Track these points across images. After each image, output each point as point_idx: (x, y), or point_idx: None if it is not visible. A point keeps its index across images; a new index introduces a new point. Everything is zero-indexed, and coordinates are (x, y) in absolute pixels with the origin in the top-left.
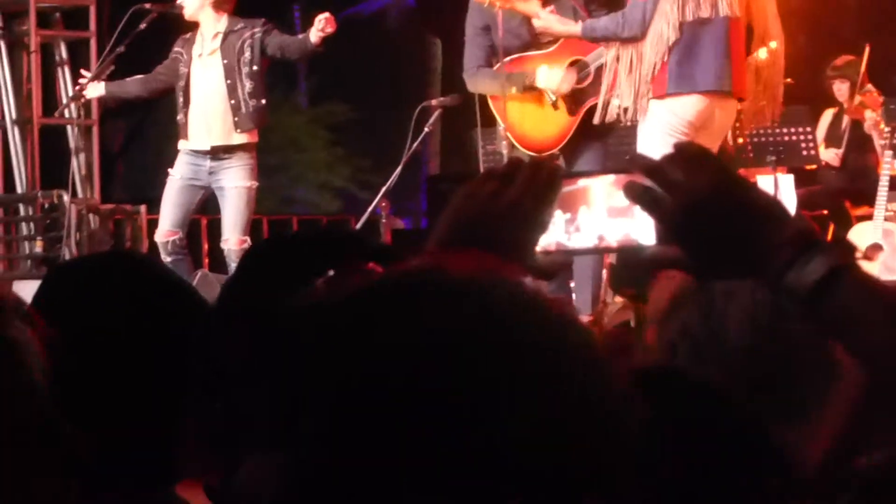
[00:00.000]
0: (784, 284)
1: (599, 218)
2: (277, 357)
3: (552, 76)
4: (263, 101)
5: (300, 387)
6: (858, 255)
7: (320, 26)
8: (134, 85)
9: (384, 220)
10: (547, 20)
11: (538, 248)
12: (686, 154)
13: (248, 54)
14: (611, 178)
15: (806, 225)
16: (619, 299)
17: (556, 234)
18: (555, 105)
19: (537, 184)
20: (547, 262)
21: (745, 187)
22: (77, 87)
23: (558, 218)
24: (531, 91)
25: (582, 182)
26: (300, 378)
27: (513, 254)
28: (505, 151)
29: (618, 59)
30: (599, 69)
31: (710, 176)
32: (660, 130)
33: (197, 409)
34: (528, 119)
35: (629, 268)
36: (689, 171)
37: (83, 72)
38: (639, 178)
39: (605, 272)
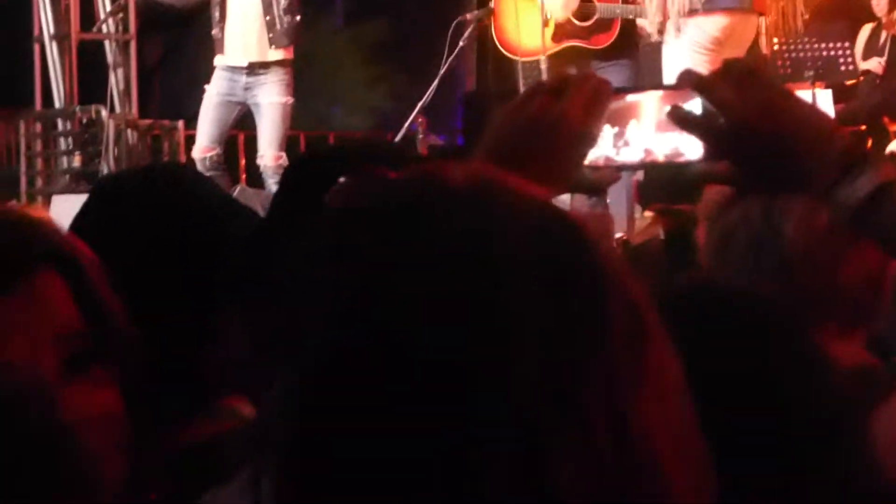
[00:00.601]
0: (833, 199)
1: (647, 132)
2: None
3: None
4: (298, 18)
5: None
6: None
7: None
8: None
9: (421, 137)
10: None
11: (586, 163)
12: (735, 71)
13: None
14: (659, 93)
15: (853, 141)
16: (647, 214)
17: (605, 148)
18: (545, 22)
19: (586, 98)
20: (595, 177)
21: (793, 103)
22: None
23: (606, 132)
24: None
25: (630, 97)
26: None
27: (560, 168)
28: (544, 67)
29: None
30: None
31: (759, 92)
32: (687, 46)
33: (238, 325)
34: (521, 18)
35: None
36: (739, 88)
37: None
38: (687, 94)
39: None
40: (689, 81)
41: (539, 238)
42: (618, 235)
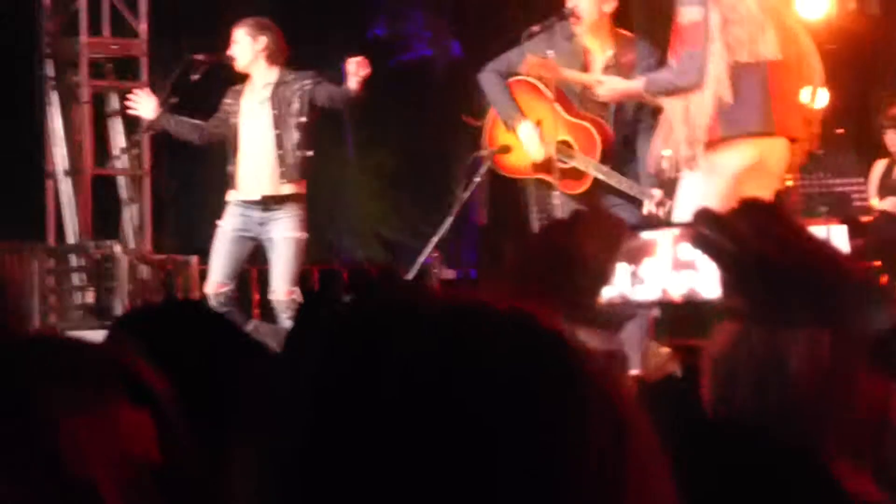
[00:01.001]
0: (851, 333)
1: (663, 270)
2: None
3: (532, 137)
4: (311, 153)
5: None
6: None
7: (353, 69)
8: (192, 129)
9: (434, 271)
10: (610, 85)
11: (602, 300)
12: (750, 207)
13: (296, 105)
14: (675, 231)
15: (868, 276)
16: (663, 350)
17: (620, 286)
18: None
19: (602, 235)
20: (611, 313)
21: (809, 239)
22: (126, 104)
23: (622, 270)
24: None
25: (646, 235)
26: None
27: (576, 304)
28: (557, 202)
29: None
30: (573, 169)
31: (776, 228)
32: (711, 176)
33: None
34: (511, 138)
35: (674, 318)
36: (753, 225)
37: (134, 91)
38: (704, 231)
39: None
40: (705, 219)
41: (512, 355)
42: (633, 372)
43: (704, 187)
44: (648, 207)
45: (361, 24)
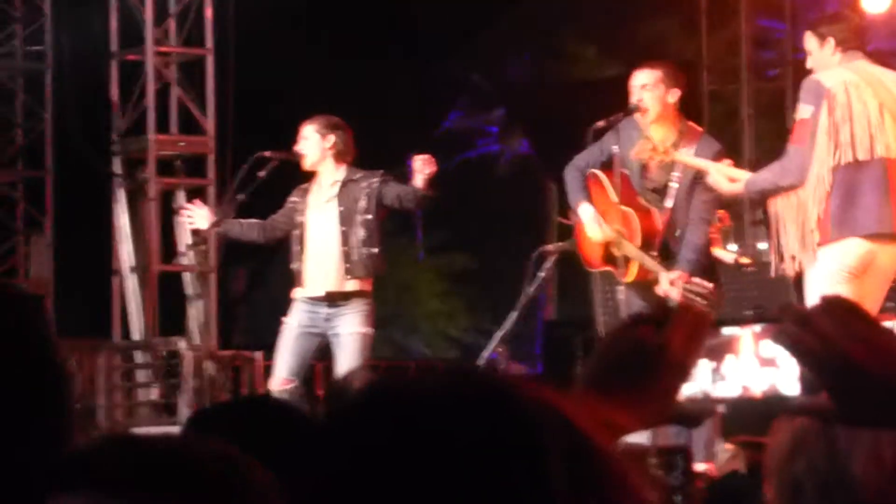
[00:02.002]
0: None
1: (745, 367)
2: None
3: (591, 218)
4: (376, 250)
5: None
6: None
7: (419, 167)
8: (252, 229)
9: (502, 366)
10: (717, 177)
11: (684, 396)
12: (834, 306)
13: (363, 202)
14: (757, 328)
15: None
16: (728, 446)
17: (702, 383)
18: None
19: (686, 330)
20: (692, 410)
21: (892, 340)
22: (189, 223)
23: (704, 366)
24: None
25: (728, 331)
26: None
27: (658, 398)
28: (622, 297)
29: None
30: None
31: (857, 329)
32: (824, 278)
33: None
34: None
35: (745, 415)
36: (838, 324)
37: (193, 205)
38: (788, 328)
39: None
40: (790, 316)
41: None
42: (699, 467)
43: (818, 286)
44: (664, 286)
45: (432, 120)
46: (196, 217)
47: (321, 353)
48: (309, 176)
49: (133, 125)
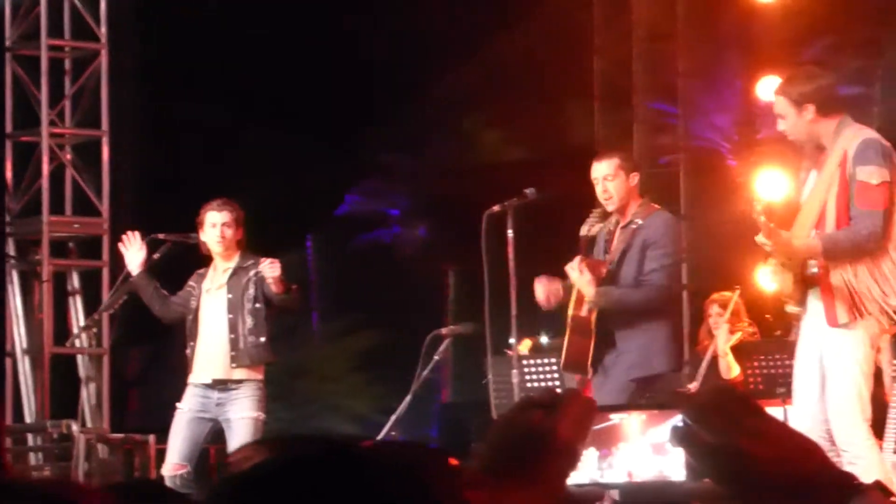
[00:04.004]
0: None
1: (632, 454)
2: None
3: (583, 277)
4: (263, 339)
5: None
6: (894, 498)
7: (267, 272)
8: (159, 298)
9: None
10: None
11: (571, 482)
12: (726, 397)
13: (251, 291)
14: (643, 416)
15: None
16: None
17: (589, 470)
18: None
19: (576, 418)
20: (579, 495)
21: (785, 432)
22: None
23: (591, 453)
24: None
25: (615, 417)
26: None
27: (547, 482)
28: (515, 381)
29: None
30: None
31: (750, 423)
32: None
33: None
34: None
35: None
36: (730, 418)
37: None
38: (670, 416)
39: None
40: (680, 406)
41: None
42: None
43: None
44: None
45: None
46: (131, 253)
47: (215, 436)
48: (209, 261)
49: (27, 206)
